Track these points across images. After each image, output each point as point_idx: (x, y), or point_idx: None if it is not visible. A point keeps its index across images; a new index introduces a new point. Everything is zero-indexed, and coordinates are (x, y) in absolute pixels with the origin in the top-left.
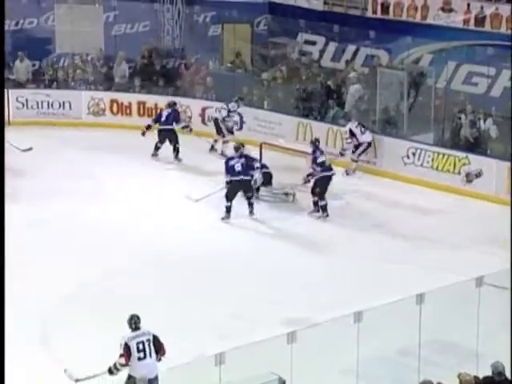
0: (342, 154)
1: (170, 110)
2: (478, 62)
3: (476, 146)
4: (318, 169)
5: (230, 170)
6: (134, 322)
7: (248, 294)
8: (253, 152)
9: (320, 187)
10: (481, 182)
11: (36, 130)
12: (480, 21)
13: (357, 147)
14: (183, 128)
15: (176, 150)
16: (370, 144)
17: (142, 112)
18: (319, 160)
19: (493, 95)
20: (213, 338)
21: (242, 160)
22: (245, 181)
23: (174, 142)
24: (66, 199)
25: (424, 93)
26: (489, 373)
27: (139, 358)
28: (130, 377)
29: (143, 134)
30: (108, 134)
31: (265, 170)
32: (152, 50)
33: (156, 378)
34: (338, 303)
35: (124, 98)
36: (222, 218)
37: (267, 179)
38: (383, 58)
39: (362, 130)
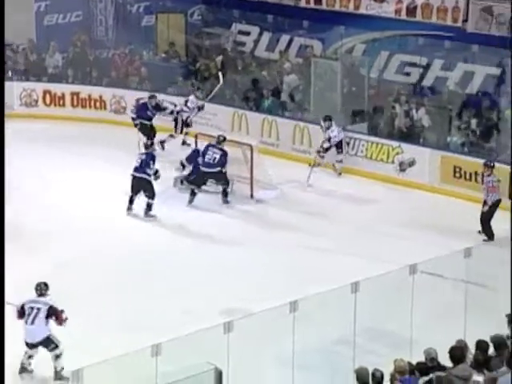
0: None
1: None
2: (410, 51)
3: (409, 135)
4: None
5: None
6: (40, 289)
7: (184, 288)
8: (188, 142)
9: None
10: (414, 171)
11: None
12: (411, 11)
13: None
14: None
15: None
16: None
17: (75, 103)
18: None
19: (425, 85)
20: (149, 330)
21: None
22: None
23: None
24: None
25: (358, 83)
26: (422, 359)
27: (26, 322)
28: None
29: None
30: (41, 125)
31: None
32: (85, 40)
33: (41, 342)
34: (275, 294)
35: (57, 88)
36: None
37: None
38: (317, 47)
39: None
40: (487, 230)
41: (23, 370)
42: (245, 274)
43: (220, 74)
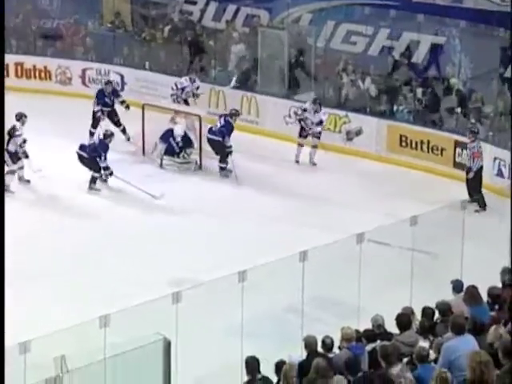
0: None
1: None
2: (356, 21)
3: (356, 104)
4: None
5: None
6: None
7: (132, 258)
8: (135, 114)
9: None
10: (361, 140)
11: None
12: None
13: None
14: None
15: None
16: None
17: (19, 73)
18: None
19: (371, 54)
20: (97, 301)
21: None
22: None
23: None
24: None
25: (304, 52)
26: (370, 327)
27: None
28: None
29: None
30: None
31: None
32: (28, 9)
33: None
34: (224, 264)
35: None
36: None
37: (171, 149)
38: (264, 17)
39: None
40: (479, 199)
41: None
42: (193, 244)
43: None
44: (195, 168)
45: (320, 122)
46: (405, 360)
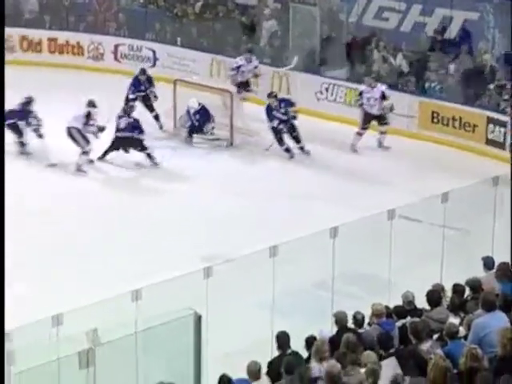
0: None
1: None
2: None
3: (387, 80)
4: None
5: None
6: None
7: (165, 233)
8: (166, 89)
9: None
10: (392, 117)
11: None
12: None
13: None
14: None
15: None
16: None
17: (52, 49)
18: None
19: (403, 30)
20: (129, 276)
21: None
22: None
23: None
24: None
25: (336, 28)
26: (400, 303)
27: None
28: None
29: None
30: (19, 71)
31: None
32: None
33: None
34: (256, 240)
35: (34, 34)
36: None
37: (200, 127)
38: None
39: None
40: None
41: None
42: (225, 221)
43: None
44: (227, 145)
45: (383, 96)
46: (435, 336)
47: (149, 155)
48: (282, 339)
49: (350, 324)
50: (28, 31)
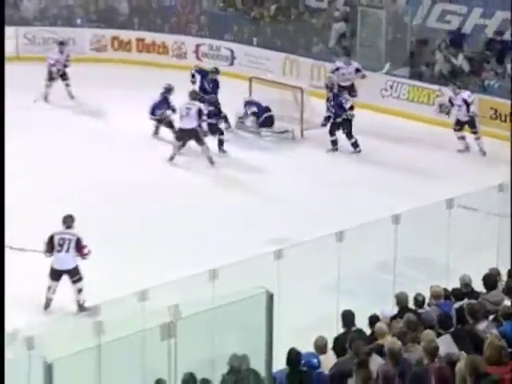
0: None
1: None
2: (451, 0)
3: (449, 79)
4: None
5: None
6: (67, 222)
7: (240, 218)
8: (242, 86)
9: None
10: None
11: (42, 65)
12: None
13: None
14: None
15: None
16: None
17: (140, 48)
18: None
19: (464, 32)
20: (206, 256)
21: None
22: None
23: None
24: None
25: (401, 30)
26: (458, 286)
27: (57, 251)
28: (51, 269)
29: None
30: (110, 68)
31: (268, 114)
32: None
33: (70, 270)
34: (322, 225)
35: (124, 35)
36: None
37: (270, 121)
38: None
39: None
40: None
41: (48, 305)
42: (295, 207)
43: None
44: (292, 137)
45: (465, 102)
46: (491, 317)
47: (221, 142)
48: (347, 317)
49: (411, 305)
50: (119, 32)
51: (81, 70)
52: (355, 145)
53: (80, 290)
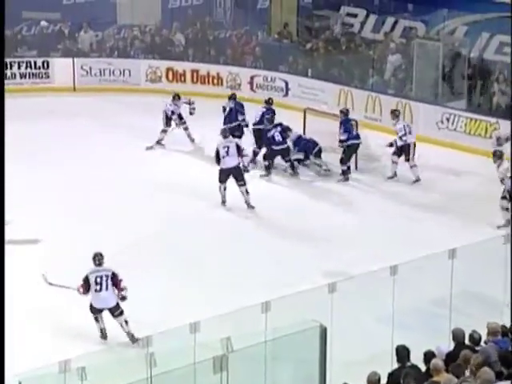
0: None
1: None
2: (509, 32)
3: (506, 112)
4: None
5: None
6: (98, 259)
7: (288, 250)
8: (297, 117)
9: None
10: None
11: (98, 95)
12: None
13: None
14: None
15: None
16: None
17: (195, 79)
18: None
19: None
20: (259, 289)
21: (279, 129)
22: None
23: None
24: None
25: (458, 62)
26: None
27: (95, 290)
28: (91, 306)
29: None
30: (164, 99)
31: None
32: (205, 21)
33: (113, 307)
34: (375, 258)
35: (179, 66)
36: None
37: (318, 151)
38: (420, 29)
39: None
40: None
41: (104, 334)
42: (346, 238)
43: None
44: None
45: None
46: None
47: (292, 164)
48: (402, 352)
49: (467, 342)
50: (174, 63)
51: (135, 100)
52: (345, 172)
53: (126, 322)
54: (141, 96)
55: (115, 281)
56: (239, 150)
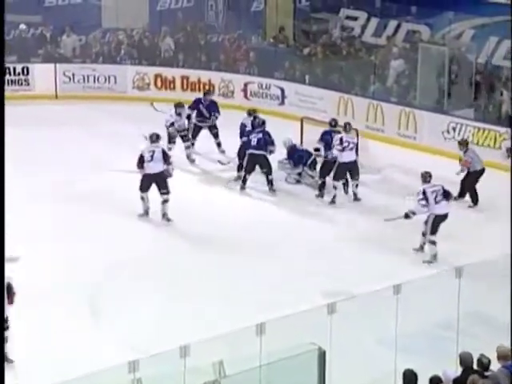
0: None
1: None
2: None
3: None
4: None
5: (247, 143)
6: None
7: (287, 267)
8: (293, 127)
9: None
10: None
11: (82, 104)
12: None
13: None
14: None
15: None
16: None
17: (185, 86)
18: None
19: None
20: (253, 309)
21: (260, 135)
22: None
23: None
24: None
25: (465, 68)
26: None
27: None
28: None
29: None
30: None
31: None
32: (196, 25)
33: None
34: (376, 276)
35: (168, 72)
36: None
37: (312, 163)
38: (424, 33)
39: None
40: None
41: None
42: (344, 256)
43: None
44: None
45: None
46: None
47: (271, 180)
48: (409, 377)
49: (475, 366)
50: (162, 69)
51: (122, 109)
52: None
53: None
54: (127, 104)
55: (165, 156)
56: (165, 156)
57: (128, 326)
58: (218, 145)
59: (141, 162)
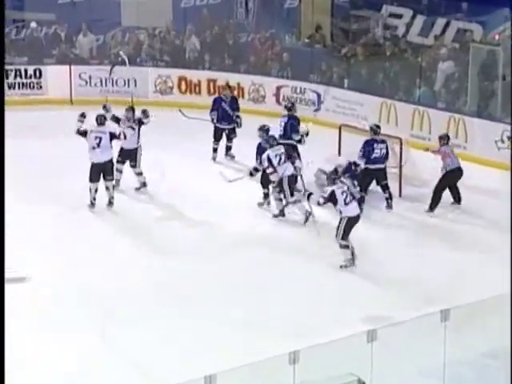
0: None
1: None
2: None
3: None
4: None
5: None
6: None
7: (325, 292)
8: (331, 135)
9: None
10: None
11: (99, 109)
12: None
13: None
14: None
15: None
16: None
17: (212, 90)
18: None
19: None
20: (288, 336)
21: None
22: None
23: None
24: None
25: None
26: None
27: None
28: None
29: None
30: (175, 113)
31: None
32: (223, 23)
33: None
34: (423, 301)
35: (193, 75)
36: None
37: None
38: (476, 32)
39: None
40: None
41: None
42: (388, 279)
43: None
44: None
45: None
46: None
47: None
48: None
49: None
50: (187, 72)
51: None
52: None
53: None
54: (148, 109)
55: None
56: (113, 139)
57: (145, 351)
58: (228, 148)
59: (82, 134)
